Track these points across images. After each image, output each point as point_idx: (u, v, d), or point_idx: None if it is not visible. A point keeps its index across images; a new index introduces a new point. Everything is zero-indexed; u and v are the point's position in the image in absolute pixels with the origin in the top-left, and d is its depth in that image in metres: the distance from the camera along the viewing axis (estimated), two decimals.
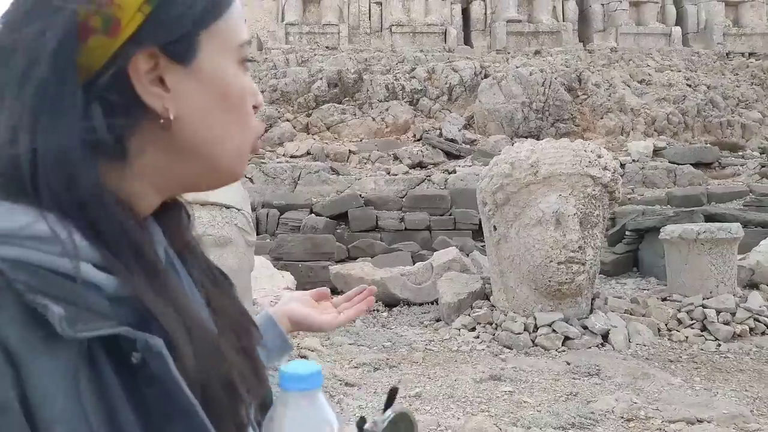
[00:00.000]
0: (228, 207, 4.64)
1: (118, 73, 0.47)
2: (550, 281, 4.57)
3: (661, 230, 5.41)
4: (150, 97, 0.48)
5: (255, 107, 0.57)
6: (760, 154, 12.57)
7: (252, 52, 15.71)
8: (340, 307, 0.92)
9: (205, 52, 0.51)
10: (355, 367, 3.97)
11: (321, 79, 13.89)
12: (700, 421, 2.96)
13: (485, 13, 16.72)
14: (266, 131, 12.79)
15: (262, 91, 14.14)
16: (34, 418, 0.39)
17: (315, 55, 15.02)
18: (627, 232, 7.96)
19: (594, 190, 4.64)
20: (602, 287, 7.23)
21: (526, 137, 13.19)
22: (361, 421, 0.47)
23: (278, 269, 6.80)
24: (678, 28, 16.45)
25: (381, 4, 16.67)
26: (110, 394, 0.43)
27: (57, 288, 0.42)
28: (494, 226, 4.99)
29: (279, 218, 9.52)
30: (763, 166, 11.86)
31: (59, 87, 0.45)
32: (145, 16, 0.47)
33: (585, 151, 4.70)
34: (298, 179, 10.86)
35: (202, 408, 0.45)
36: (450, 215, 10.02)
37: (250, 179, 10.68)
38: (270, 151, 12.19)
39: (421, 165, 12.19)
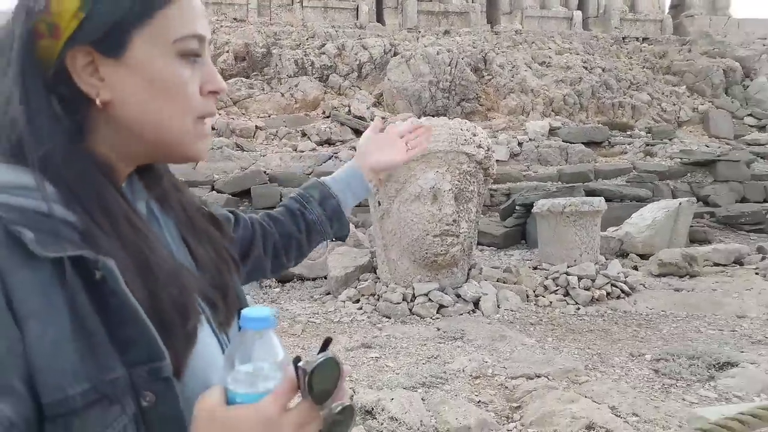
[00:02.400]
0: None
1: (62, 67, 0.59)
2: (426, 253, 4.79)
3: (534, 204, 5.77)
4: (86, 86, 0.60)
5: (213, 92, 0.67)
6: (646, 133, 13.54)
7: None
8: (404, 139, 1.14)
9: (137, 47, 0.61)
10: None
11: (227, 52, 13.51)
12: (538, 376, 3.25)
13: None
14: None
15: None
16: (15, 315, 0.51)
17: (221, 27, 14.56)
18: (516, 207, 8.40)
19: (469, 167, 4.88)
20: (491, 258, 7.63)
21: (434, 116, 13.52)
22: (296, 360, 0.53)
23: None
24: (579, 13, 17.26)
25: None
26: (78, 301, 0.54)
27: (34, 221, 0.54)
28: (378, 202, 5.14)
29: None
30: (648, 145, 12.80)
31: (28, 76, 0.59)
32: (79, 21, 0.58)
33: (461, 129, 4.91)
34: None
35: (153, 319, 0.57)
36: None
37: None
38: None
39: (329, 142, 12.22)
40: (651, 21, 18.10)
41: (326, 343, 0.55)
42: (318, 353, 0.54)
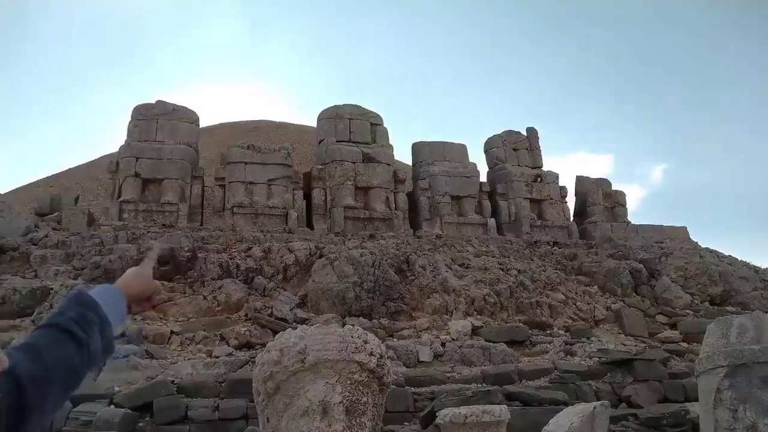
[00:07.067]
0: None
1: None
2: None
3: (436, 414, 5.51)
4: None
5: None
6: (565, 332, 13.86)
7: (81, 227, 15.10)
8: None
9: None
10: None
11: None
12: None
13: (325, 200, 17.89)
14: None
15: (83, 269, 13.39)
16: None
17: (148, 232, 14.76)
18: (436, 415, 8.02)
19: (361, 377, 4.64)
20: None
21: (359, 316, 13.51)
22: None
23: None
24: (493, 220, 18.72)
25: (224, 186, 17.25)
26: None
27: None
28: (267, 418, 4.76)
29: (69, 413, 8.38)
30: (567, 344, 13.01)
31: None
32: None
33: (352, 336, 4.79)
34: (103, 366, 9.87)
35: None
36: None
37: None
38: None
39: (248, 345, 11.77)
40: (558, 227, 19.76)
41: None
42: None
